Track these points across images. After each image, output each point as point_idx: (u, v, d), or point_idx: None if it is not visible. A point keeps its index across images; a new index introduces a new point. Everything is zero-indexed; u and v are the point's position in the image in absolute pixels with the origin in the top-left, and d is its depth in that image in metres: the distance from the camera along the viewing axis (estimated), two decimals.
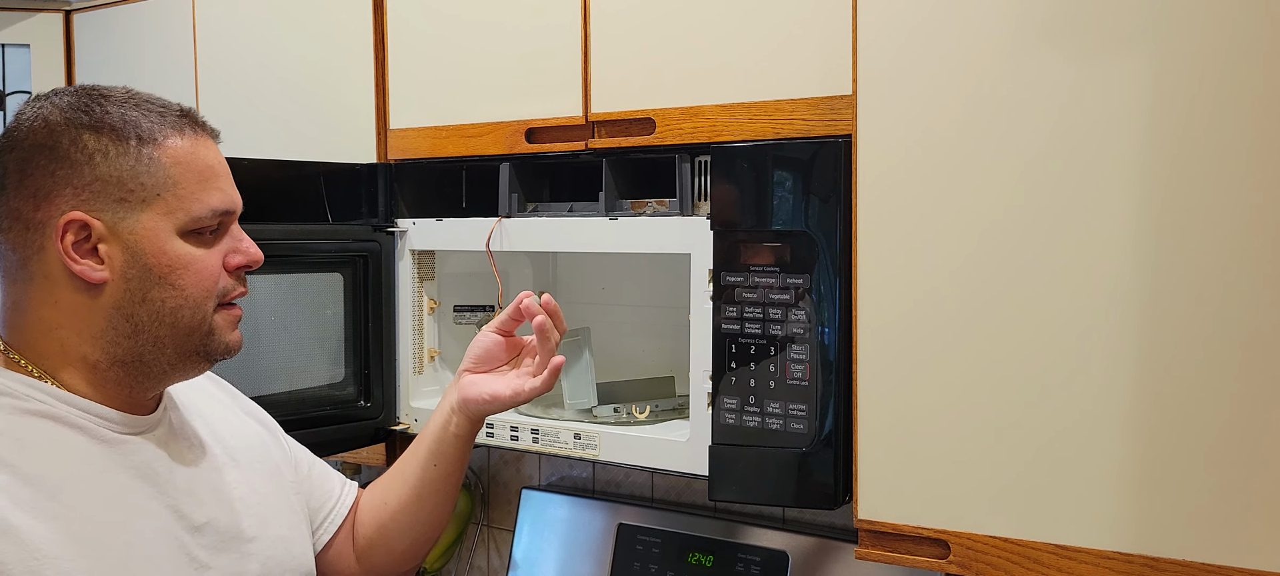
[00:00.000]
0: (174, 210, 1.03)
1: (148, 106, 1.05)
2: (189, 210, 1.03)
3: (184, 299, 1.03)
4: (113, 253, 1.01)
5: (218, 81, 2.11)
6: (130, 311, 1.02)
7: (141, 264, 1.01)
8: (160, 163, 1.02)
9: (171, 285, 1.03)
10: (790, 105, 1.43)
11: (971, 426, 1.24)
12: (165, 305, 1.03)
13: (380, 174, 1.82)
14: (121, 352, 1.03)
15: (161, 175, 1.02)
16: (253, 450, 1.20)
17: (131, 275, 1.01)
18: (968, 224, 1.23)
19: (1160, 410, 1.14)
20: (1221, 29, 1.08)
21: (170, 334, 1.04)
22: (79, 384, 1.03)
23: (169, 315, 1.03)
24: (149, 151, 1.02)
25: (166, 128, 1.04)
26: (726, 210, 1.42)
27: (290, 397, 1.74)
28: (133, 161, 1.01)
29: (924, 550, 1.29)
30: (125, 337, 1.03)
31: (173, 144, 1.03)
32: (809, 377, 1.37)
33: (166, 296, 1.03)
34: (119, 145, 1.01)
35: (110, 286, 1.01)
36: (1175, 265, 1.12)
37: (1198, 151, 1.10)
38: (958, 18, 1.22)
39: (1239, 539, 1.11)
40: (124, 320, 1.02)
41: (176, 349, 1.05)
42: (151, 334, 1.03)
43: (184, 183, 1.03)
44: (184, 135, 1.05)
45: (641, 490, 1.99)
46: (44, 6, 2.37)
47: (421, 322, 1.84)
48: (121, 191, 1.01)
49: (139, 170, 1.01)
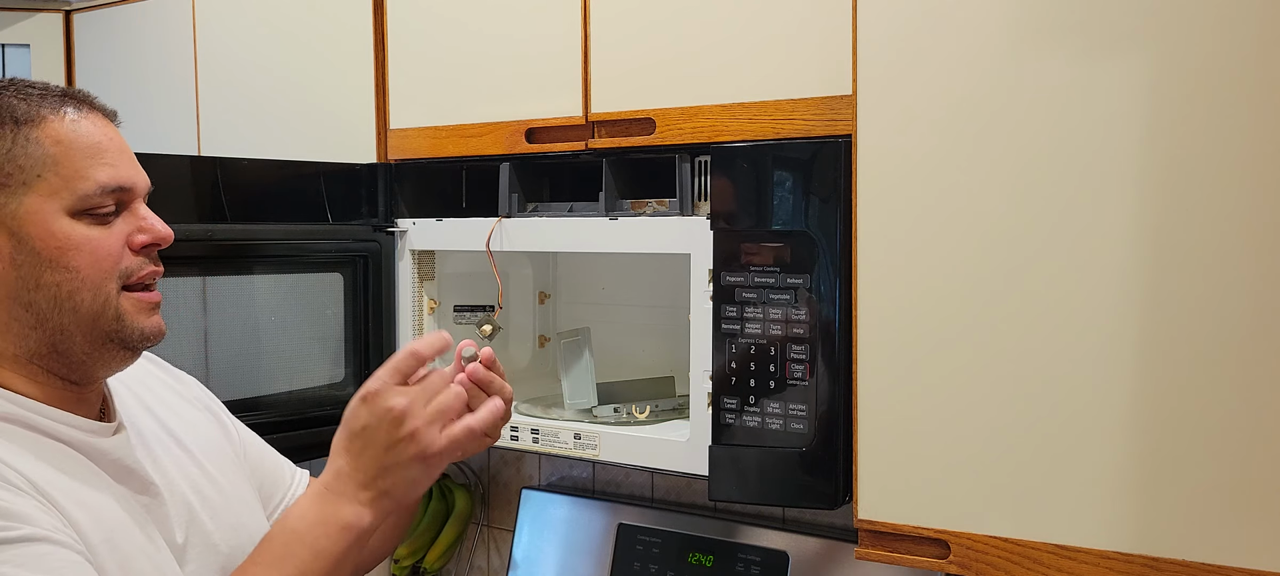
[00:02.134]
0: (58, 190, 0.99)
1: (27, 90, 1.02)
2: (74, 189, 1.00)
3: (80, 281, 1.00)
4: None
5: (218, 82, 2.11)
6: (28, 299, 0.99)
7: (29, 248, 0.99)
8: (39, 143, 0.99)
9: (64, 267, 0.99)
10: (790, 105, 1.43)
11: (971, 426, 1.24)
12: (61, 289, 1.00)
13: (380, 174, 1.82)
14: (34, 343, 1.01)
15: (40, 154, 0.99)
16: (202, 438, 1.18)
17: (21, 260, 0.99)
18: (968, 224, 1.23)
19: (1160, 410, 1.14)
20: (1221, 29, 1.08)
21: (73, 321, 1.01)
22: (21, 384, 1.01)
23: (67, 299, 1.00)
24: (27, 132, 0.99)
25: (45, 109, 1.01)
26: (726, 210, 1.42)
27: (290, 397, 1.74)
28: (8, 144, 0.98)
29: (924, 550, 1.29)
30: (30, 328, 1.00)
31: (52, 123, 1.00)
32: (809, 377, 1.37)
33: (61, 279, 0.99)
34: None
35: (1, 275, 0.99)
36: (1175, 265, 1.12)
37: (1197, 151, 1.10)
38: (958, 18, 1.22)
39: (1239, 539, 1.11)
40: (23, 309, 1.00)
41: (85, 336, 1.02)
42: (54, 322, 1.00)
43: (66, 161, 1.00)
44: (65, 114, 1.01)
45: (641, 490, 1.99)
46: (44, 6, 2.37)
47: (421, 323, 1.84)
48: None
49: (15, 152, 0.98)
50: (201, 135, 2.13)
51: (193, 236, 1.59)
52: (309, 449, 1.81)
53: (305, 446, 1.77)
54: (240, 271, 1.68)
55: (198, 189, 1.65)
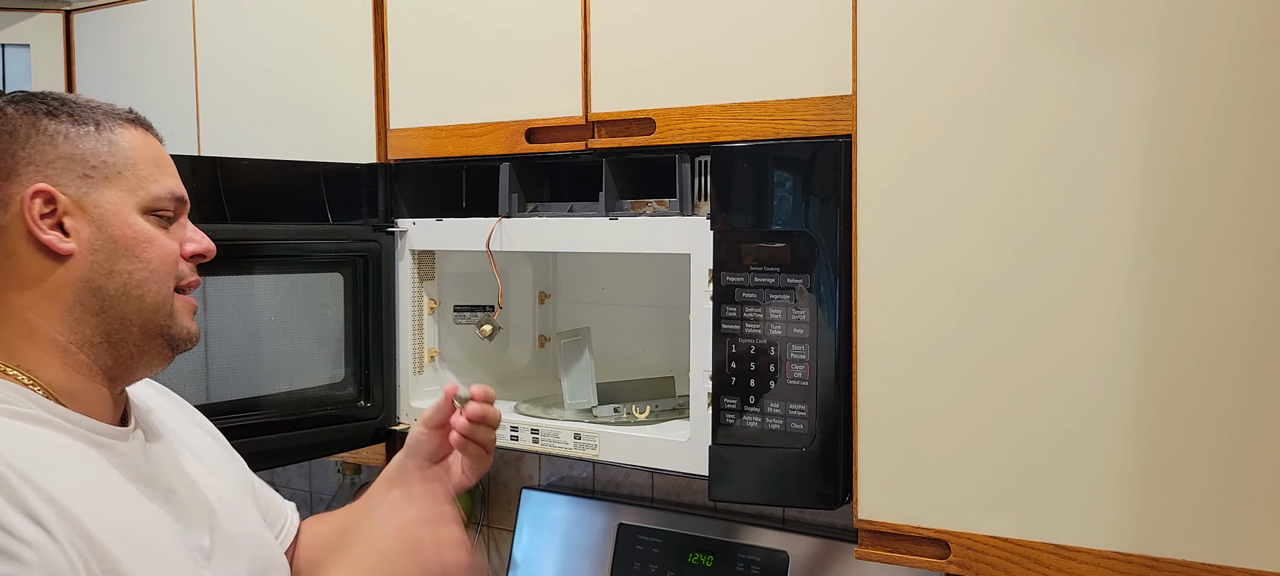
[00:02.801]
0: (134, 189, 1.05)
1: (98, 103, 1.08)
2: (149, 190, 1.06)
3: (149, 272, 1.05)
4: (78, 226, 1.02)
5: (218, 82, 2.11)
6: (98, 284, 1.03)
7: (107, 235, 1.03)
8: (119, 145, 1.05)
9: (137, 257, 1.04)
10: (790, 105, 1.43)
11: (971, 426, 1.24)
12: (132, 277, 1.04)
13: (380, 174, 1.82)
14: (89, 331, 1.03)
15: (121, 155, 1.05)
16: (214, 457, 1.21)
17: (98, 246, 1.03)
18: (968, 224, 1.23)
19: (1160, 410, 1.14)
20: (1222, 29, 1.08)
21: (136, 311, 1.04)
22: (55, 375, 1.02)
23: (135, 288, 1.04)
24: (107, 134, 1.05)
25: (117, 120, 1.07)
26: (726, 210, 1.42)
27: (290, 397, 1.74)
28: (93, 142, 1.04)
29: (924, 550, 1.29)
30: (92, 315, 1.03)
31: (127, 132, 1.07)
32: (809, 377, 1.37)
33: (133, 268, 1.04)
34: (78, 127, 1.04)
35: (77, 259, 1.02)
36: (1175, 266, 1.12)
37: (1199, 152, 1.10)
38: (958, 18, 1.22)
39: (1239, 539, 1.11)
40: (91, 294, 1.03)
41: (141, 329, 1.05)
42: (117, 310, 1.04)
43: (142, 164, 1.06)
44: (135, 128, 1.08)
45: (641, 490, 1.99)
46: (44, 6, 2.37)
47: (421, 322, 1.84)
48: (84, 167, 1.03)
49: (99, 149, 1.04)
50: (201, 135, 2.13)
51: None
52: (309, 449, 1.81)
53: (305, 446, 1.77)
54: (240, 271, 1.68)
55: (198, 189, 1.64)
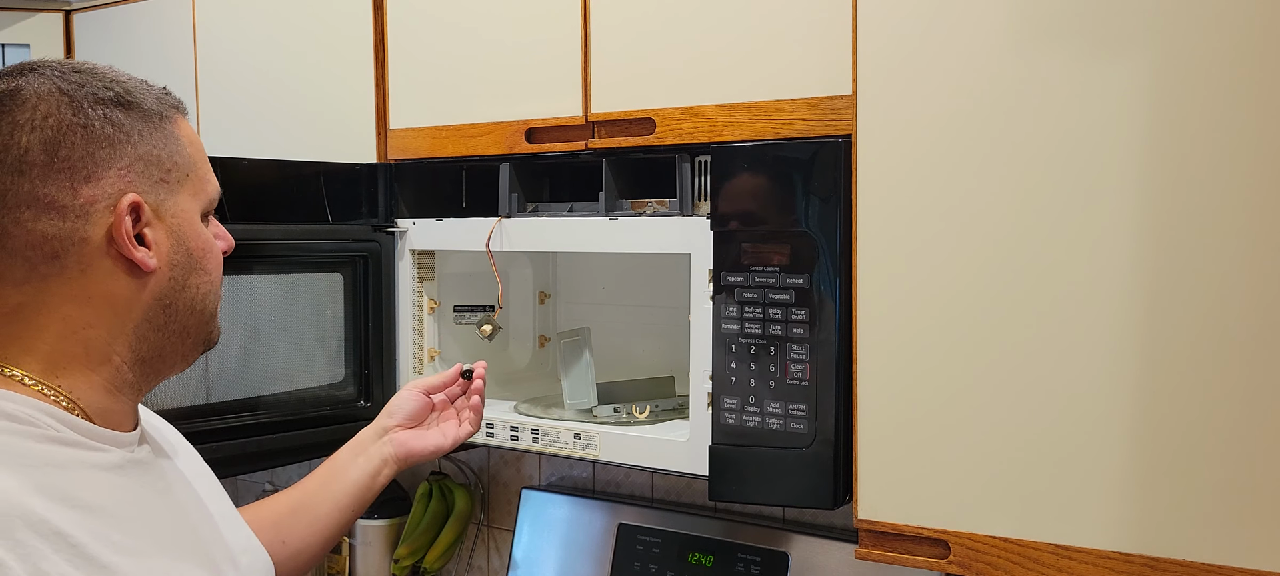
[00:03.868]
0: (198, 192, 0.97)
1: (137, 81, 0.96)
2: (208, 192, 0.98)
3: (211, 283, 0.98)
4: (159, 238, 0.93)
5: (217, 82, 2.11)
6: (170, 300, 0.95)
7: (185, 248, 0.95)
8: (180, 141, 0.96)
9: (206, 270, 0.97)
10: (790, 105, 1.43)
11: (972, 426, 1.24)
12: (199, 291, 0.97)
13: (380, 174, 1.82)
14: (147, 348, 0.95)
15: (184, 154, 0.96)
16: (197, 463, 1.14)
17: (177, 260, 0.94)
18: (968, 224, 1.23)
19: (1160, 410, 1.14)
20: (1222, 29, 1.08)
21: (197, 322, 0.98)
22: (97, 397, 0.93)
23: (201, 301, 0.97)
24: (169, 129, 0.95)
25: (168, 107, 0.96)
26: (726, 210, 1.42)
27: (290, 397, 1.74)
28: (163, 139, 0.94)
29: (924, 550, 1.29)
30: (156, 330, 0.95)
31: (180, 122, 0.97)
32: (809, 377, 1.37)
33: (201, 282, 0.97)
34: (148, 123, 0.93)
35: (157, 275, 0.93)
36: (1175, 265, 1.12)
37: (1199, 151, 1.10)
38: (958, 18, 1.22)
39: (1239, 539, 1.11)
40: (161, 310, 0.94)
41: (195, 338, 0.99)
42: (181, 324, 0.96)
43: (199, 162, 0.98)
44: (184, 117, 0.99)
45: (641, 490, 1.99)
46: (44, 6, 2.37)
47: (421, 322, 1.84)
48: (160, 171, 0.93)
49: (170, 149, 0.94)
50: (201, 135, 2.12)
51: None
52: (309, 449, 1.81)
53: (305, 446, 1.77)
54: (240, 271, 1.68)
55: None
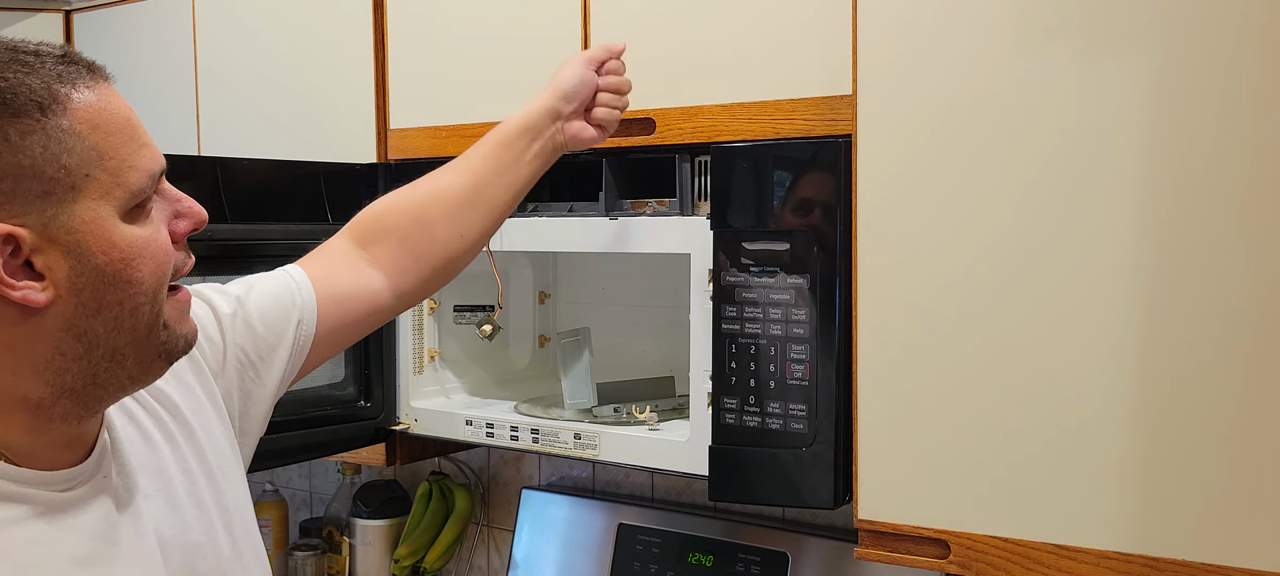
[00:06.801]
0: (109, 189, 0.81)
1: (25, 59, 0.79)
2: (125, 183, 0.82)
3: (142, 294, 0.83)
4: (52, 262, 0.79)
5: (218, 82, 2.11)
6: (83, 328, 0.81)
7: (91, 266, 0.80)
8: (75, 132, 0.79)
9: (128, 281, 0.82)
10: (790, 105, 1.43)
11: (972, 426, 1.24)
12: (123, 308, 0.82)
13: (380, 174, 1.82)
14: (71, 379, 0.82)
15: (82, 148, 0.79)
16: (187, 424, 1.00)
17: (81, 284, 0.80)
18: (968, 223, 1.23)
19: (1161, 410, 1.14)
20: (1222, 29, 1.08)
21: (130, 341, 0.84)
22: (16, 436, 0.83)
23: (127, 318, 0.83)
24: (56, 121, 0.78)
25: (64, 84, 0.80)
26: (726, 210, 1.42)
27: (290, 397, 1.73)
28: (42, 140, 0.78)
29: (924, 550, 1.29)
30: (76, 360, 0.82)
31: (81, 103, 0.80)
32: (809, 377, 1.37)
33: (123, 297, 0.82)
34: (15, 124, 0.77)
35: (57, 305, 0.80)
36: (1175, 265, 1.12)
37: (1199, 151, 1.10)
38: (958, 17, 1.22)
39: (1239, 539, 1.11)
40: (75, 340, 0.81)
41: (137, 357, 0.85)
42: (107, 348, 0.83)
43: (109, 150, 0.81)
44: (88, 87, 0.81)
45: (641, 490, 1.99)
46: (44, 6, 2.37)
47: (421, 322, 1.84)
48: (40, 184, 0.78)
49: (52, 149, 0.78)
50: (201, 135, 2.13)
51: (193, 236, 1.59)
52: (309, 449, 1.81)
53: (305, 446, 1.77)
54: (241, 271, 1.67)
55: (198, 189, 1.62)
